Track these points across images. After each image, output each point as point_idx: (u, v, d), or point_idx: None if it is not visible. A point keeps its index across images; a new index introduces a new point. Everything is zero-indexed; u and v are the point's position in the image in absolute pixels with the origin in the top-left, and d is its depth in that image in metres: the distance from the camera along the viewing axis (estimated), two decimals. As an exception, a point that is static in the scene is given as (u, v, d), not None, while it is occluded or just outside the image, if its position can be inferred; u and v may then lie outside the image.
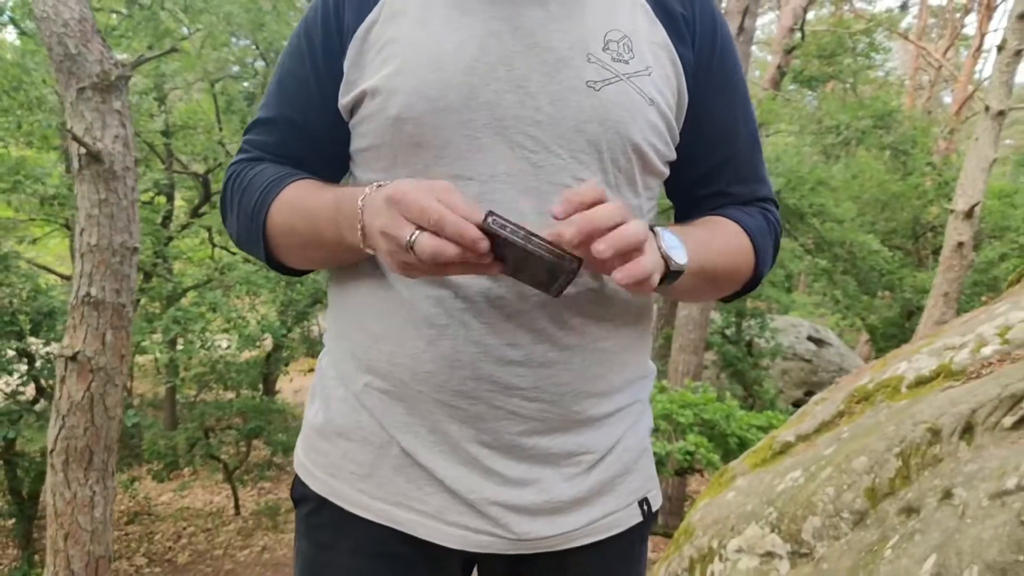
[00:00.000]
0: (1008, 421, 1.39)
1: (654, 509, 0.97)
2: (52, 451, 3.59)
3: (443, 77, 0.80)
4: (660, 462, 4.94)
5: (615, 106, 0.82)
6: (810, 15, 14.81)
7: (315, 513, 0.93)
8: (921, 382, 1.86)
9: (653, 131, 0.85)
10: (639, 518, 0.95)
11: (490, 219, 0.67)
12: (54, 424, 3.58)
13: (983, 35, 15.77)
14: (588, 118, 0.81)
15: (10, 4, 6.97)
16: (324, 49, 0.87)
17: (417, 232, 0.69)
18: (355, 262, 0.88)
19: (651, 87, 0.84)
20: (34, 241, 8.93)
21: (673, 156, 0.91)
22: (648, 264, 0.72)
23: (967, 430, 1.46)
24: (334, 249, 0.84)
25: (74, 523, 3.59)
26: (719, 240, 0.91)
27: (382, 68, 0.82)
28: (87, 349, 3.51)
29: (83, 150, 3.41)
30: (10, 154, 7.06)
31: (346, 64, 0.85)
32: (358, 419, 0.89)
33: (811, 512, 1.59)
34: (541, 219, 0.78)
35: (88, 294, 3.49)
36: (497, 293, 0.81)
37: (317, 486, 0.92)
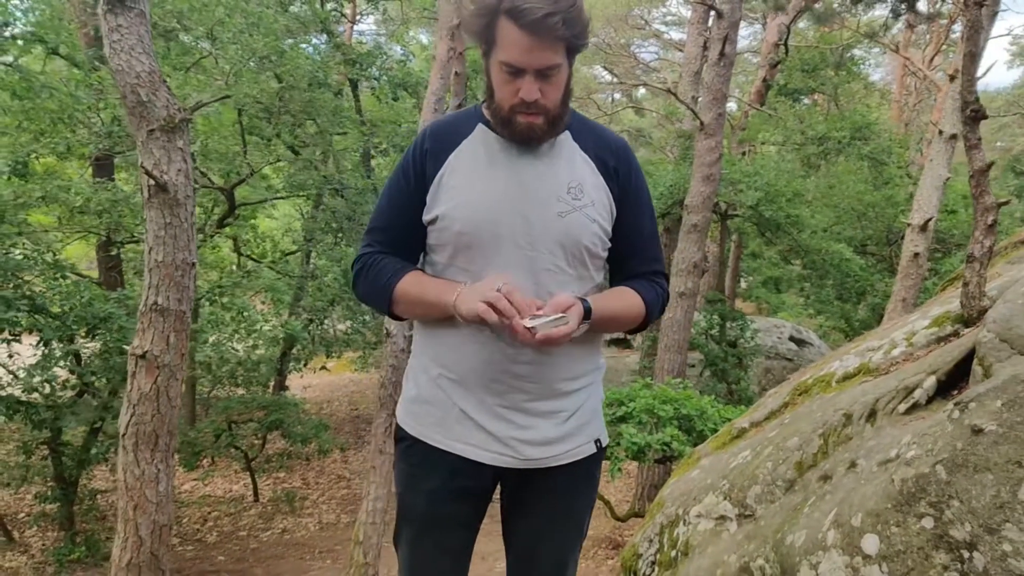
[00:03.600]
0: (902, 408, 1.66)
1: (603, 445, 1.61)
2: (123, 435, 4.08)
3: (480, 212, 1.43)
4: (641, 451, 5.50)
5: (573, 226, 1.45)
6: (801, 24, 15.36)
7: (410, 447, 1.56)
8: (847, 377, 2.18)
9: (596, 237, 1.49)
10: (594, 450, 1.59)
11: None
12: (125, 412, 4.11)
13: (965, 46, 16.13)
14: (559, 233, 1.44)
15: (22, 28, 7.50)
16: (415, 187, 1.50)
17: (502, 284, 1.34)
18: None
19: (594, 212, 1.48)
20: (65, 245, 9.55)
21: (609, 246, 1.55)
22: (566, 330, 1.35)
23: (871, 415, 1.72)
24: (430, 308, 1.47)
25: (142, 496, 4.08)
26: (619, 300, 1.54)
27: (448, 202, 1.46)
28: (154, 349, 4.03)
29: (152, 182, 4.03)
30: (37, 165, 7.64)
31: (428, 198, 1.49)
32: (435, 393, 1.52)
33: (754, 482, 1.91)
34: (535, 289, 1.42)
35: (156, 303, 4.04)
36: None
37: (412, 431, 1.55)
